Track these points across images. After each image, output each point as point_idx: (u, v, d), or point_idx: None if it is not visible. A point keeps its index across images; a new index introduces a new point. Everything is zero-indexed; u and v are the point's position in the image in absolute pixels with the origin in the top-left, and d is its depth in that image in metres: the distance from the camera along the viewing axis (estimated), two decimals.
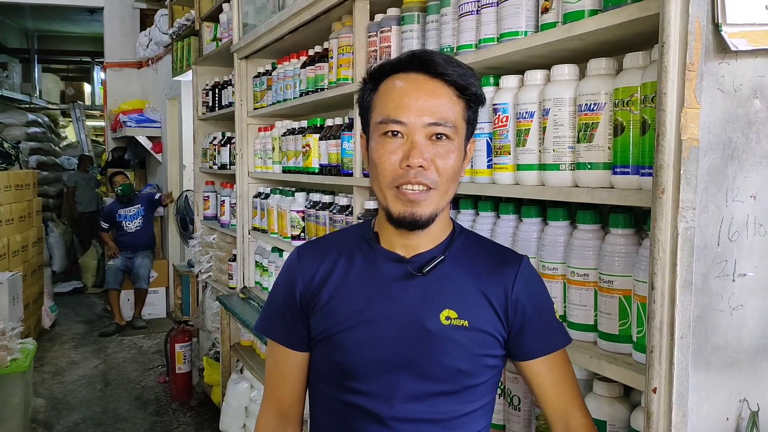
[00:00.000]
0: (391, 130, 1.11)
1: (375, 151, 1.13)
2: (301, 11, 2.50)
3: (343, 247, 1.23)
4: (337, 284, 1.19)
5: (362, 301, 1.16)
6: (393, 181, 1.10)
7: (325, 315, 1.18)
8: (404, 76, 1.13)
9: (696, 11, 0.96)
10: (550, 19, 1.40)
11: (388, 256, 1.19)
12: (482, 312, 1.16)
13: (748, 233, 1.05)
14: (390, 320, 1.15)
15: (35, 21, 10.57)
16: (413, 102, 1.10)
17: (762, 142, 1.04)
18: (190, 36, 5.01)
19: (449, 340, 1.14)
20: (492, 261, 1.21)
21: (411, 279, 1.16)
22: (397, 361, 1.14)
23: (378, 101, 1.15)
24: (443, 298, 1.16)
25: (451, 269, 1.18)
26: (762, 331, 1.07)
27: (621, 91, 1.21)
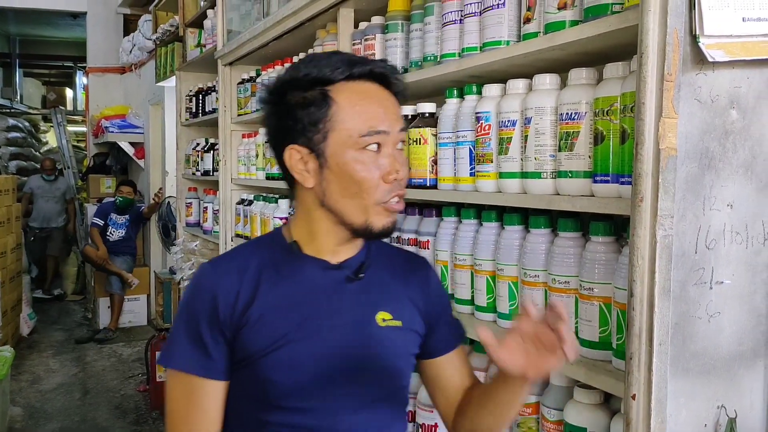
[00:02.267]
0: (376, 142, 1.06)
1: (354, 167, 1.06)
2: (286, 18, 2.51)
3: (263, 260, 1.15)
4: (267, 299, 1.11)
5: (297, 313, 1.11)
6: (381, 197, 1.07)
7: (259, 333, 1.10)
8: (363, 86, 1.09)
9: (674, 23, 0.98)
10: (532, 29, 1.42)
11: (318, 265, 1.15)
12: (410, 312, 1.19)
13: (725, 241, 1.06)
14: (332, 328, 1.12)
15: (17, 25, 10.49)
16: (388, 111, 1.08)
17: (738, 152, 1.06)
18: (174, 42, 4.99)
19: (388, 341, 1.15)
20: (405, 263, 1.24)
21: (345, 285, 1.15)
22: (344, 370, 1.11)
23: (345, 114, 1.06)
24: (376, 300, 1.16)
25: (376, 272, 1.18)
26: (739, 338, 1.09)
27: (601, 101, 1.23)
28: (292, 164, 1.11)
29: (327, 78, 1.08)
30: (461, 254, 1.64)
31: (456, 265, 1.66)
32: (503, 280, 1.51)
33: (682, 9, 0.98)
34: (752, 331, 1.10)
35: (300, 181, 1.11)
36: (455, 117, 1.64)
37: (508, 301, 1.50)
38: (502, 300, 1.52)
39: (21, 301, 6.24)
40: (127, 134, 7.29)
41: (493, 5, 1.50)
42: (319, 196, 1.11)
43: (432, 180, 1.74)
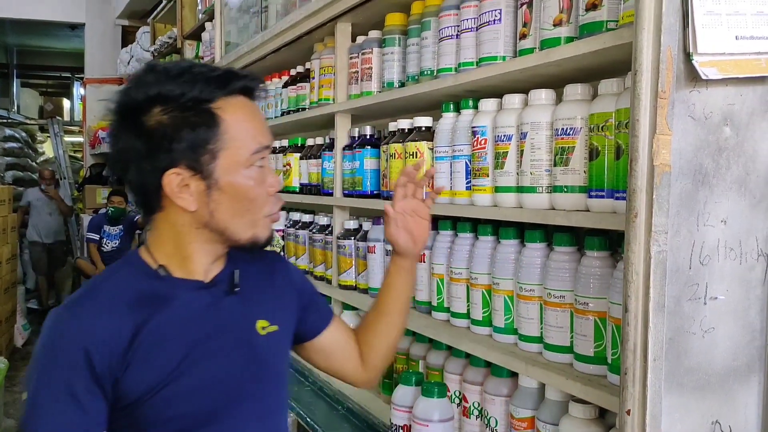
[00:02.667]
0: (263, 157, 1.08)
1: (246, 185, 1.06)
2: (284, 32, 2.52)
3: (132, 293, 1.06)
4: (147, 336, 1.04)
5: (182, 342, 1.06)
6: (270, 210, 1.10)
7: (143, 375, 1.03)
8: (240, 101, 1.08)
9: (668, 41, 0.99)
10: (527, 45, 1.43)
11: (190, 286, 1.10)
12: (283, 311, 1.21)
13: (719, 257, 1.07)
14: (221, 350, 1.09)
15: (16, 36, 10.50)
16: (265, 124, 1.11)
17: (732, 168, 1.07)
18: (172, 54, 5.01)
19: (271, 348, 1.16)
20: (264, 263, 1.23)
21: (222, 301, 1.12)
22: (237, 393, 1.10)
23: (235, 132, 1.04)
24: (254, 310, 1.16)
25: (247, 282, 1.16)
26: (733, 353, 1.09)
27: (596, 117, 1.24)
28: (173, 189, 1.04)
29: (208, 96, 1.04)
30: (457, 268, 1.65)
31: (452, 278, 1.66)
32: (499, 293, 1.51)
33: (675, 27, 0.99)
34: (746, 347, 1.10)
35: (182, 205, 1.05)
36: (452, 131, 1.65)
37: (503, 315, 1.50)
38: (497, 314, 1.52)
39: (15, 312, 6.21)
40: None
41: (489, 21, 1.52)
42: (201, 218, 1.06)
43: (428, 193, 1.74)
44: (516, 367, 1.41)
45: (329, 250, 2.29)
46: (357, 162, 2.06)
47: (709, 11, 1.00)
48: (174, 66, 1.06)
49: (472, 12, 1.58)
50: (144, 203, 1.11)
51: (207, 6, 3.98)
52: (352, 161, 2.09)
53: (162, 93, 1.03)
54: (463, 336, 1.59)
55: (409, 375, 1.71)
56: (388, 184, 1.89)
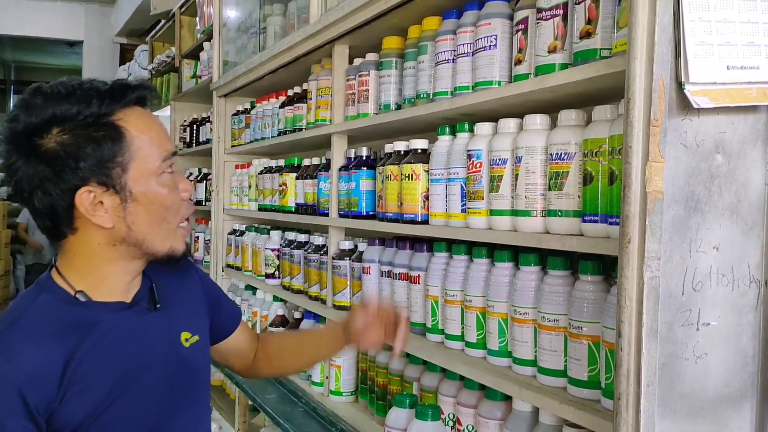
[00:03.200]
0: (171, 165, 1.10)
1: (161, 192, 1.07)
2: (282, 53, 2.54)
3: (55, 324, 1.04)
4: (79, 366, 1.02)
5: (114, 366, 1.06)
6: (182, 218, 1.12)
7: (79, 405, 1.02)
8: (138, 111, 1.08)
9: (660, 70, 1.01)
10: (522, 70, 1.45)
11: (113, 308, 1.10)
12: (200, 321, 1.25)
13: (711, 283, 1.08)
14: (152, 367, 1.11)
15: (14, 52, 10.55)
16: (166, 131, 1.12)
17: (724, 196, 1.08)
18: (169, 72, 5.04)
19: (197, 358, 1.20)
20: (176, 273, 1.24)
21: (146, 319, 1.13)
22: (173, 408, 1.12)
23: (140, 142, 1.05)
24: (176, 322, 1.19)
25: (163, 294, 1.18)
26: (725, 379, 1.10)
27: (590, 142, 1.25)
28: (87, 208, 1.03)
29: (107, 110, 1.04)
30: (452, 290, 1.65)
31: (446, 300, 1.67)
32: (493, 316, 1.51)
33: (668, 57, 1.01)
34: (739, 373, 1.11)
35: (99, 223, 1.04)
36: (447, 154, 1.66)
37: (498, 338, 1.51)
38: (492, 336, 1.52)
39: None
40: None
41: (485, 46, 1.54)
42: (119, 233, 1.06)
43: (423, 215, 1.75)
44: (510, 390, 1.41)
45: (324, 270, 2.30)
46: (353, 183, 2.07)
47: (700, 41, 1.02)
48: (62, 85, 1.05)
49: (468, 37, 1.61)
50: (53, 228, 1.07)
51: (206, 26, 4.02)
52: (348, 182, 2.10)
53: (57, 113, 1.01)
54: (457, 358, 1.60)
55: (403, 397, 1.71)
56: (384, 206, 1.90)
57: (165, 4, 5.51)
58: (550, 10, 1.36)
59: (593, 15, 1.25)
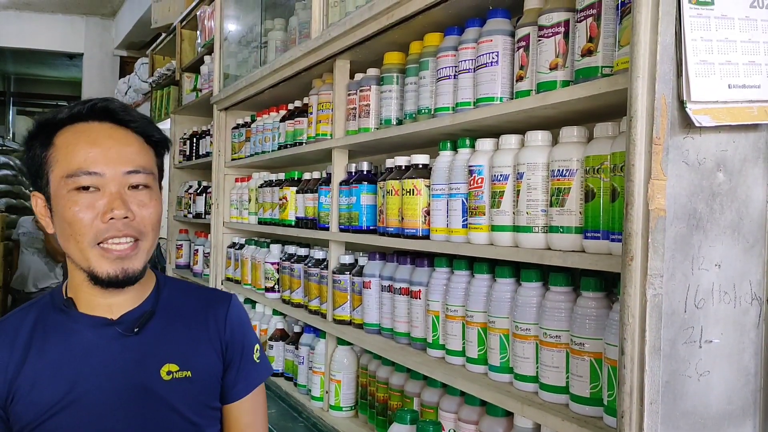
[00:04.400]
0: (83, 185, 1.04)
1: (67, 209, 1.04)
2: (283, 67, 2.56)
3: (33, 324, 1.10)
4: (35, 367, 1.06)
5: (67, 379, 1.06)
6: (95, 238, 1.04)
7: (26, 407, 1.05)
8: (86, 126, 1.07)
9: (662, 89, 1.02)
10: (524, 87, 1.46)
11: (90, 322, 1.10)
12: (204, 359, 1.16)
13: (714, 301, 1.08)
14: (103, 391, 1.07)
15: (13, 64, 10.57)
16: (105, 151, 1.05)
17: (725, 213, 1.09)
18: (170, 85, 5.05)
19: (174, 394, 1.10)
20: (202, 305, 1.21)
21: (123, 341, 1.10)
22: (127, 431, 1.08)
23: (58, 155, 1.05)
24: (162, 353, 1.12)
25: (166, 322, 1.15)
26: (728, 397, 1.09)
27: (592, 159, 1.26)
28: (38, 211, 1.10)
29: (52, 121, 1.07)
30: (453, 305, 1.65)
31: (448, 315, 1.67)
32: (495, 332, 1.51)
33: (669, 76, 1.02)
34: (741, 390, 1.11)
35: (44, 226, 1.10)
36: (448, 169, 1.67)
37: (499, 354, 1.51)
38: (493, 352, 1.52)
39: None
40: None
41: (486, 63, 1.55)
42: None
43: (424, 230, 1.76)
44: (511, 406, 1.41)
45: (324, 284, 2.30)
46: (354, 197, 2.08)
47: (702, 60, 1.03)
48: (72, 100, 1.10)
49: (469, 53, 1.62)
50: None
51: (207, 40, 4.03)
52: (348, 196, 2.11)
53: (37, 121, 1.09)
54: (458, 374, 1.59)
55: (404, 413, 1.70)
56: (385, 220, 1.90)
57: (166, 17, 5.54)
58: (552, 27, 1.37)
59: (595, 33, 1.26)
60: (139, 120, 1.10)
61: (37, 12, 8.00)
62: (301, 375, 2.51)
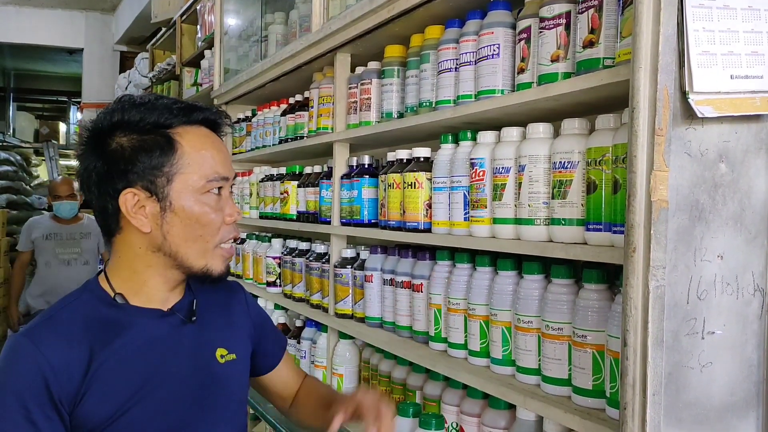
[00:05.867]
0: (218, 188, 1.12)
1: (200, 210, 1.09)
2: (284, 61, 2.55)
3: (89, 321, 1.09)
4: (104, 364, 1.06)
5: (139, 371, 1.09)
6: (221, 239, 1.12)
7: (101, 403, 1.05)
8: (203, 131, 1.13)
9: (664, 80, 1.01)
10: (525, 79, 1.46)
11: (149, 315, 1.13)
12: (242, 342, 1.26)
13: (716, 292, 1.08)
14: (176, 379, 1.12)
15: (13, 60, 10.57)
16: (226, 157, 1.15)
17: (728, 204, 1.09)
18: (170, 80, 5.06)
19: (231, 376, 1.20)
20: (224, 293, 1.29)
21: (181, 330, 1.15)
22: (194, 418, 1.13)
23: (190, 158, 1.08)
24: (212, 338, 1.20)
25: (205, 309, 1.21)
26: (731, 388, 1.10)
27: (593, 151, 1.25)
28: (129, 209, 1.08)
29: (167, 122, 1.10)
30: (455, 298, 1.65)
31: (449, 309, 1.67)
32: (497, 325, 1.51)
33: (671, 67, 1.02)
34: (744, 382, 1.11)
35: (137, 226, 1.09)
36: (450, 162, 1.66)
37: (501, 347, 1.51)
38: (495, 345, 1.52)
39: (7, 336, 6.15)
40: None
41: (487, 55, 1.54)
42: (155, 240, 1.10)
43: (426, 223, 1.75)
44: (514, 399, 1.41)
45: (326, 278, 2.30)
46: (355, 191, 2.08)
47: (704, 51, 1.03)
48: (141, 96, 1.13)
49: (470, 46, 1.61)
50: (104, 224, 1.14)
51: (207, 34, 4.03)
52: (350, 190, 2.11)
53: (123, 119, 1.09)
54: (460, 367, 1.59)
55: (407, 406, 1.71)
56: (386, 214, 1.90)
57: (166, 11, 5.53)
58: (553, 19, 1.36)
59: (596, 24, 1.26)
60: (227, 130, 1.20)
61: (36, 7, 7.99)
62: (303, 369, 2.51)
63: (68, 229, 4.35)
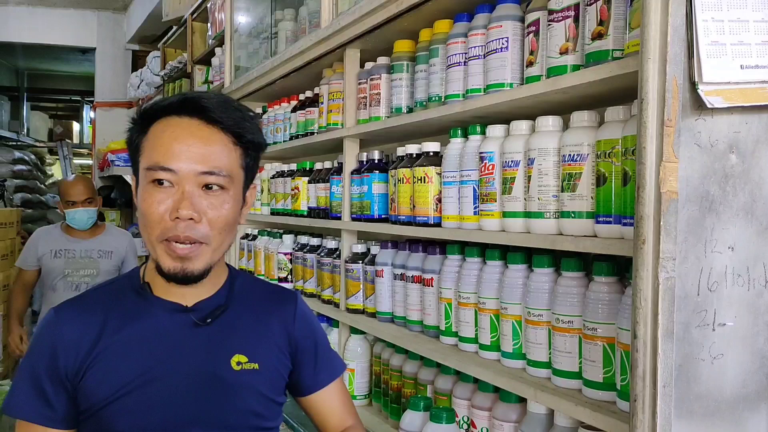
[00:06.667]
0: (159, 179, 1.04)
1: (143, 200, 1.06)
2: (293, 58, 2.56)
3: (111, 303, 1.12)
4: (109, 347, 1.08)
5: (142, 359, 1.08)
6: (162, 234, 1.04)
7: (98, 384, 1.07)
8: (176, 120, 1.07)
9: (673, 71, 1.01)
10: (534, 72, 1.45)
11: (166, 307, 1.12)
12: (271, 354, 1.18)
13: (727, 283, 1.07)
14: (177, 375, 1.09)
15: (26, 60, 10.65)
16: (184, 149, 1.04)
17: (738, 195, 1.08)
18: (181, 78, 5.08)
19: (243, 385, 1.13)
20: (270, 301, 1.23)
21: (193, 329, 1.12)
22: (191, 418, 1.09)
23: (147, 144, 1.07)
24: (232, 343, 1.14)
25: (237, 314, 1.17)
26: (742, 380, 1.09)
27: (603, 143, 1.25)
28: (134, 192, 1.12)
29: (151, 110, 1.09)
30: (465, 292, 1.65)
31: (460, 303, 1.67)
32: (507, 318, 1.51)
33: (680, 57, 1.01)
34: (756, 374, 1.10)
35: None
36: (459, 156, 1.66)
37: (512, 340, 1.51)
38: (506, 339, 1.52)
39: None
40: None
41: (496, 49, 1.54)
42: None
43: (436, 218, 1.76)
44: (524, 392, 1.41)
45: (337, 273, 2.30)
46: (365, 186, 2.08)
47: (714, 41, 1.02)
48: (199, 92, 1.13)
49: (479, 40, 1.61)
50: None
51: (217, 32, 4.04)
52: (360, 185, 2.11)
53: (140, 109, 1.13)
54: (471, 361, 1.60)
55: (418, 400, 1.71)
56: (397, 209, 1.90)
57: (177, 10, 5.55)
58: (562, 11, 1.36)
59: (605, 16, 1.25)
60: (230, 120, 1.07)
61: (49, 7, 8.04)
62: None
63: (84, 245, 3.36)
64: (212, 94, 1.12)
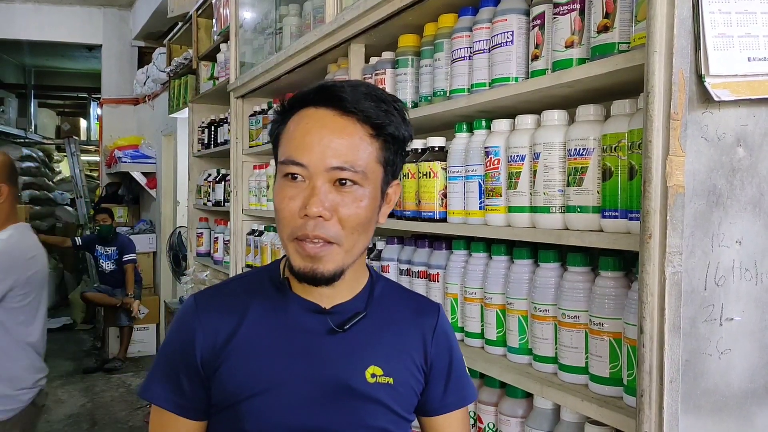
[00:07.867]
0: (292, 173, 0.97)
1: (275, 195, 1.00)
2: (298, 53, 2.55)
3: (250, 296, 1.08)
4: (245, 341, 1.04)
5: (274, 359, 1.03)
6: (293, 232, 0.97)
7: (231, 378, 1.03)
8: (312, 111, 0.99)
9: (680, 63, 1.00)
10: (539, 66, 1.44)
11: (304, 306, 1.06)
12: (405, 368, 1.09)
13: (735, 278, 1.06)
14: (309, 380, 1.03)
15: (33, 57, 10.69)
16: (316, 141, 0.96)
17: (746, 189, 1.07)
18: (187, 74, 5.08)
19: (376, 400, 1.05)
20: (410, 312, 1.14)
21: (332, 334, 1.05)
22: (318, 427, 1.03)
23: (283, 137, 1.02)
24: (368, 353, 1.06)
25: (375, 324, 1.08)
26: (750, 375, 1.08)
27: (609, 137, 1.24)
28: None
29: (292, 101, 1.03)
30: (471, 287, 1.65)
31: (466, 298, 1.67)
32: (513, 314, 1.51)
33: (687, 50, 1.00)
34: (763, 368, 1.09)
35: None
36: (465, 151, 1.66)
37: (518, 335, 1.50)
38: (512, 334, 1.52)
39: None
40: (139, 164, 7.37)
41: (501, 43, 1.53)
42: None
43: (441, 213, 1.75)
44: (531, 387, 1.41)
45: None
46: None
47: (720, 33, 1.01)
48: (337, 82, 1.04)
49: (484, 34, 1.60)
50: None
51: (222, 28, 4.04)
52: None
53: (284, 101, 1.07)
54: (477, 356, 1.59)
55: None
56: (402, 204, 1.90)
57: (182, 6, 5.55)
58: (567, 4, 1.35)
59: (611, 9, 1.24)
60: (370, 110, 0.98)
61: (55, 5, 8.06)
62: None
63: None
64: (354, 81, 1.02)
